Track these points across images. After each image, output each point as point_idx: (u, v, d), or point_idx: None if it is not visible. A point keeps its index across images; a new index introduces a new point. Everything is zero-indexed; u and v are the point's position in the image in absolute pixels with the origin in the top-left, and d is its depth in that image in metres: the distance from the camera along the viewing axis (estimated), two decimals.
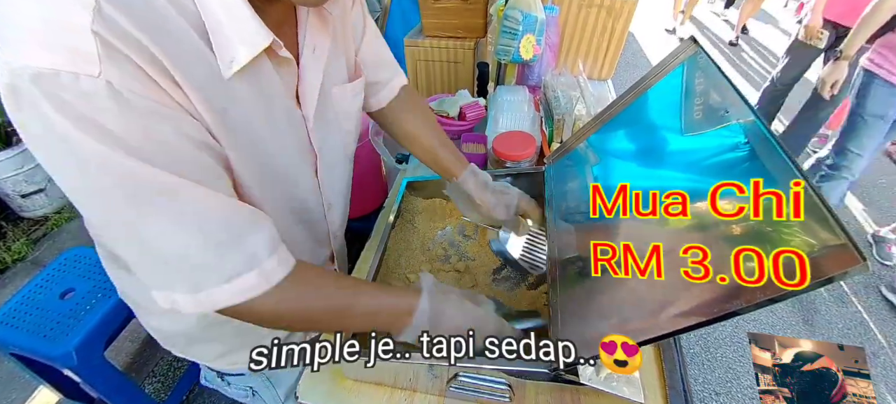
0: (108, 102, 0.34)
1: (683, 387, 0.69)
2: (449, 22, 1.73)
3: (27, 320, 1.10)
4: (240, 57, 0.42)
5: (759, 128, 0.44)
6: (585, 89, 1.05)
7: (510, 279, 0.80)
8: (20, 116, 0.35)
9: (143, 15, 0.36)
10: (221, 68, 0.42)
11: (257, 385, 0.81)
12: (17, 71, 0.33)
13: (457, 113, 1.21)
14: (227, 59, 0.42)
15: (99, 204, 0.39)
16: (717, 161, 0.54)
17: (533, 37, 1.18)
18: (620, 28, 1.37)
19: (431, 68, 1.88)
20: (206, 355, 0.74)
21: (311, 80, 0.54)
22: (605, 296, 0.56)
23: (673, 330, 0.43)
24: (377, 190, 1.66)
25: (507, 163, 0.96)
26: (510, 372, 0.58)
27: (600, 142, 0.75)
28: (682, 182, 0.57)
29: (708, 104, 0.57)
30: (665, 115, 0.66)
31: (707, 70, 0.57)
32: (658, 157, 0.66)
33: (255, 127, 0.48)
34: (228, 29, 0.41)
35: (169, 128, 0.38)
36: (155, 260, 0.42)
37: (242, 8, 0.41)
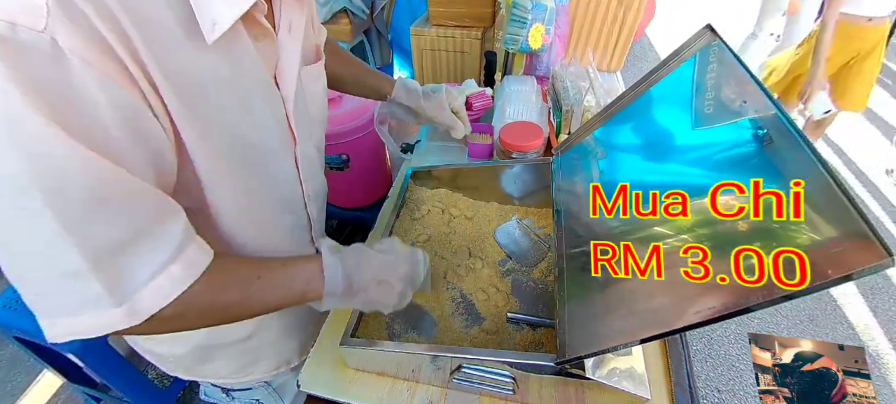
0: (45, 63, 0.29)
1: (689, 384, 0.68)
2: (456, 10, 1.70)
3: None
4: (223, 19, 0.37)
5: (780, 120, 0.42)
6: (595, 80, 1.03)
7: (516, 270, 0.79)
8: None
9: None
10: (204, 33, 0.37)
11: (263, 396, 0.81)
12: None
13: (463, 102, 1.19)
14: (208, 22, 0.37)
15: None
16: (729, 155, 0.52)
17: (542, 26, 1.16)
18: (632, 19, 1.34)
19: (437, 58, 1.86)
20: (219, 372, 0.73)
21: (289, 59, 0.51)
22: (611, 290, 0.55)
23: (682, 326, 0.42)
24: (381, 179, 1.65)
25: (513, 154, 0.95)
26: (514, 365, 0.58)
27: (608, 134, 0.73)
28: (690, 177, 0.56)
29: (721, 97, 0.55)
30: (676, 108, 0.65)
31: (722, 59, 0.55)
32: (667, 152, 0.64)
33: (231, 104, 0.44)
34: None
35: (110, 106, 0.33)
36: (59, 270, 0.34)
37: None
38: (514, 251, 0.82)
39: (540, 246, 0.82)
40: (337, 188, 1.59)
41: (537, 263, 0.80)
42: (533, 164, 0.87)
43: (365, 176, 1.57)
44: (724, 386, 1.69)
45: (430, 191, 0.94)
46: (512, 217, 0.89)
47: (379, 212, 0.98)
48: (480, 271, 0.79)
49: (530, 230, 0.85)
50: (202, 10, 0.36)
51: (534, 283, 0.77)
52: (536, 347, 0.67)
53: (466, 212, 0.91)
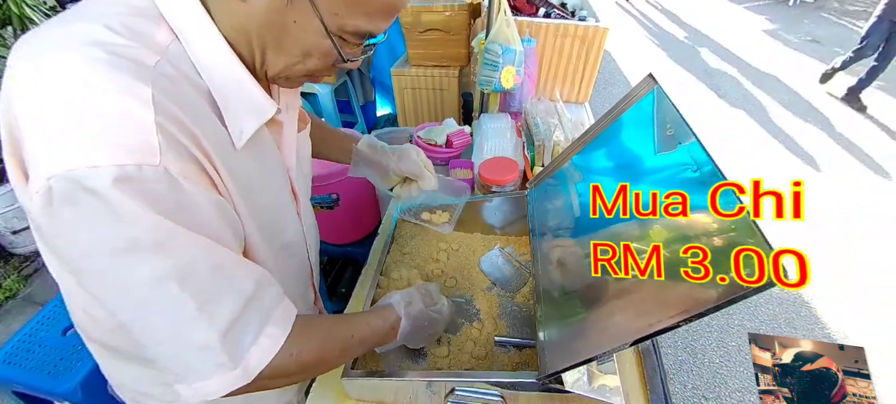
0: (164, 188, 0.37)
1: (664, 391, 0.75)
2: (433, 51, 1.83)
3: (30, 357, 1.11)
4: (248, 128, 0.46)
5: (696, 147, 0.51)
6: (563, 116, 1.13)
7: (501, 295, 0.86)
8: (67, 217, 0.36)
9: (181, 98, 0.40)
10: (234, 140, 0.45)
11: None
12: (80, 174, 0.34)
13: (444, 141, 1.28)
14: (237, 130, 0.45)
15: (144, 293, 0.39)
16: (682, 177, 0.61)
17: (513, 68, 1.27)
18: (594, 55, 1.47)
19: (418, 96, 1.97)
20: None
21: (289, 132, 0.59)
22: (586, 309, 0.62)
23: (650, 333, 0.48)
24: (370, 215, 1.71)
25: (493, 188, 1.03)
26: (502, 384, 0.64)
27: (577, 167, 0.82)
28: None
29: (657, 132, 0.65)
30: (638, 139, 0.73)
31: (661, 100, 0.65)
32: (633, 176, 0.72)
33: (259, 184, 0.52)
34: (236, 102, 0.45)
35: (211, 207, 0.42)
36: (189, 345, 0.42)
37: (247, 81, 0.45)
38: (498, 278, 0.89)
39: (522, 272, 0.89)
40: (327, 226, 1.64)
41: (519, 288, 0.87)
42: (511, 197, 0.95)
43: (354, 213, 1.63)
44: (710, 393, 1.76)
45: (419, 227, 1.01)
46: (495, 246, 0.96)
47: (368, 246, 1.04)
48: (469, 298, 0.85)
49: (512, 258, 0.92)
50: (232, 123, 0.45)
51: (517, 307, 0.84)
52: (523, 367, 0.73)
53: (452, 244, 0.98)
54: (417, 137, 1.31)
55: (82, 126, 0.34)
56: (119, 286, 0.39)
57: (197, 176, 0.40)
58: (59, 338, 1.15)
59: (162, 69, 0.39)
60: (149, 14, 0.41)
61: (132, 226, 0.36)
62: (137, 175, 0.35)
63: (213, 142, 0.43)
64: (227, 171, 0.45)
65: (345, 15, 0.42)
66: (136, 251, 0.37)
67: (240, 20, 0.42)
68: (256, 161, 0.51)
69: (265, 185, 0.54)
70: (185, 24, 0.41)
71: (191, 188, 0.39)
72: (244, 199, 0.48)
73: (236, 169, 0.46)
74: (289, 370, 0.49)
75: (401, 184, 0.87)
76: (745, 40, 5.20)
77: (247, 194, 0.49)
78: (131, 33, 0.38)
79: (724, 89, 4.07)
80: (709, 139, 2.97)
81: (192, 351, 0.43)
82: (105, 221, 0.36)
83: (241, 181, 0.47)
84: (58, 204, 0.35)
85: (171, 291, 0.39)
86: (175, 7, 0.41)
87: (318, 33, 0.43)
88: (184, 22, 0.41)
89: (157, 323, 0.42)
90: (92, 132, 0.34)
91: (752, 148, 3.27)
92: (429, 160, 0.85)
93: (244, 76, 0.45)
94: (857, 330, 1.97)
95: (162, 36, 0.40)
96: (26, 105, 0.36)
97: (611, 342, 0.51)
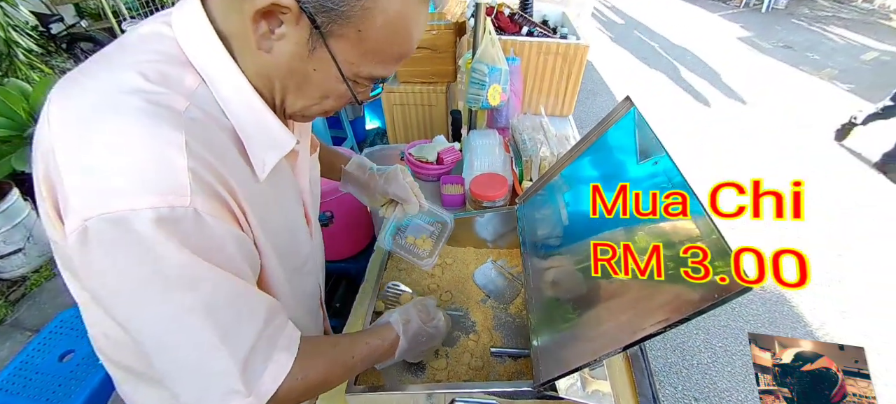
0: (192, 226, 0.40)
1: (653, 394, 0.78)
2: (421, 69, 1.88)
3: (28, 385, 1.10)
4: (270, 161, 0.49)
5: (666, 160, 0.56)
6: (548, 131, 1.18)
7: (495, 307, 0.89)
8: (101, 255, 0.38)
9: (209, 139, 0.42)
10: (257, 173, 0.49)
11: None
12: (118, 216, 0.36)
13: (435, 158, 1.32)
14: (260, 164, 0.49)
15: (171, 324, 0.42)
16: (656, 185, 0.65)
17: (499, 86, 1.32)
18: (576, 71, 1.53)
19: (407, 112, 2.01)
20: None
21: (302, 159, 0.62)
22: (577, 317, 0.66)
23: (639, 338, 0.51)
24: (363, 231, 1.74)
25: (484, 203, 1.07)
26: (500, 394, 0.67)
27: (564, 181, 0.87)
28: None
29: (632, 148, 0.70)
30: (619, 154, 0.78)
31: (639, 120, 0.70)
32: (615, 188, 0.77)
33: (275, 209, 0.55)
34: (259, 138, 0.48)
35: (233, 242, 0.45)
36: (209, 374, 0.45)
37: (270, 119, 0.48)
38: (491, 290, 0.93)
39: (514, 284, 0.93)
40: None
41: (513, 299, 0.90)
42: (501, 212, 0.99)
43: (348, 230, 1.66)
44: (700, 394, 1.80)
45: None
46: (487, 259, 1.00)
47: (361, 262, 1.06)
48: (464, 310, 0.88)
49: (504, 270, 0.96)
50: (255, 157, 0.48)
51: (511, 318, 0.87)
52: (519, 376, 0.76)
53: (447, 259, 1.01)
54: (409, 155, 1.34)
55: (121, 172, 0.37)
56: (148, 317, 0.42)
57: (221, 213, 0.43)
58: (56, 365, 1.14)
59: (191, 113, 0.42)
60: (178, 60, 0.44)
61: (165, 263, 0.39)
62: (170, 215, 0.38)
63: (238, 179, 0.46)
64: (249, 203, 0.47)
65: (360, 63, 0.46)
66: (167, 286, 0.40)
67: (264, 67, 0.46)
68: (274, 188, 0.54)
69: (282, 209, 0.57)
70: (212, 69, 0.45)
71: (215, 225, 0.42)
72: (262, 226, 0.51)
73: (256, 198, 0.49)
74: (296, 392, 0.51)
75: (387, 205, 0.89)
76: (720, 47, 5.39)
77: (265, 220, 0.52)
78: (163, 79, 0.42)
79: (704, 95, 4.21)
80: (690, 145, 3.02)
81: (211, 379, 0.45)
82: (140, 259, 0.38)
83: (260, 209, 0.50)
84: (93, 243, 0.38)
85: (197, 323, 0.42)
86: (203, 54, 0.44)
87: (336, 79, 0.46)
88: (211, 68, 0.45)
89: (180, 353, 0.44)
90: (130, 178, 0.37)
91: (744, 150, 3.34)
92: (415, 183, 0.87)
93: (267, 115, 0.48)
94: (857, 331, 2.00)
95: (190, 80, 0.44)
96: (66, 151, 0.38)
97: (601, 348, 0.55)
